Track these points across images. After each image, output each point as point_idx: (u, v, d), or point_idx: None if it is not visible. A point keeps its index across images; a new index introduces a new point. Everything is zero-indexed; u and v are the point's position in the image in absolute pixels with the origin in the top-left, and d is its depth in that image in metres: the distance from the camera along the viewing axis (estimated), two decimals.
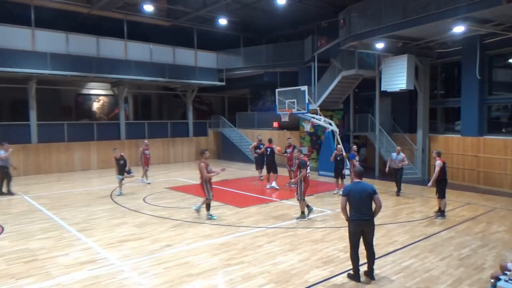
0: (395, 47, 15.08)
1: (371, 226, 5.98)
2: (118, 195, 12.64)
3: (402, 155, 12.61)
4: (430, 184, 9.92)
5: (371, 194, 5.91)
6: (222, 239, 8.00)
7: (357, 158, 12.67)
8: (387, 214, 10.08)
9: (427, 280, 5.99)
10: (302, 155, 9.97)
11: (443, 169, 9.68)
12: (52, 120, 19.67)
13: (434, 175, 9.70)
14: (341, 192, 12.55)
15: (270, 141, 14.73)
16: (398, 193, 12.75)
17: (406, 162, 12.97)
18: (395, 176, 12.84)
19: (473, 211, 10.58)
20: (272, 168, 14.04)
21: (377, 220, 9.47)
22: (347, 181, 12.44)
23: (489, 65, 14.60)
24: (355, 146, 13.26)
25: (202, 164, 9.35)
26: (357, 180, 6.15)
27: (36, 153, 17.94)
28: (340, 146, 13.48)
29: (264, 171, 14.63)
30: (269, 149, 14.20)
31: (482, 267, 6.53)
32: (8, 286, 5.80)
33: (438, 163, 9.70)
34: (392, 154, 12.89)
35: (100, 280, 5.97)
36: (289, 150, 14.25)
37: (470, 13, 11.21)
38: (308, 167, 9.52)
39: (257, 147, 15.28)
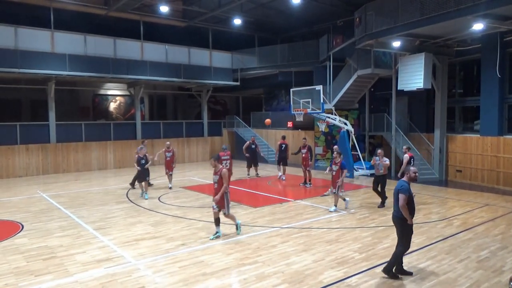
0: (412, 45, 14.86)
1: (396, 224, 6.11)
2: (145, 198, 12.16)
3: (385, 159, 10.76)
4: (399, 175, 11.20)
5: (397, 193, 5.98)
6: (236, 239, 8.02)
7: (334, 167, 10.54)
8: None
9: (444, 282, 5.88)
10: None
11: (409, 162, 10.84)
12: (70, 120, 20.07)
13: (402, 168, 10.96)
14: (333, 192, 12.10)
15: (283, 137, 16.24)
16: (382, 204, 10.76)
17: (387, 163, 10.76)
18: (377, 184, 10.86)
19: (493, 212, 10.33)
20: (284, 162, 15.55)
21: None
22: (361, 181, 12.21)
23: (509, 63, 14.23)
24: (335, 153, 10.86)
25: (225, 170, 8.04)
26: (402, 178, 6.18)
27: (55, 152, 18.32)
28: (336, 147, 12.78)
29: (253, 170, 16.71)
30: (283, 145, 15.69)
31: (502, 269, 6.38)
32: (28, 282, 5.93)
33: (405, 156, 10.99)
34: (376, 157, 10.87)
35: (117, 278, 6.05)
36: (304, 151, 14.24)
37: (490, 10, 10.97)
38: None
39: (249, 147, 16.44)
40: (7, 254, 7.17)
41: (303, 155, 14.18)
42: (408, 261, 6.70)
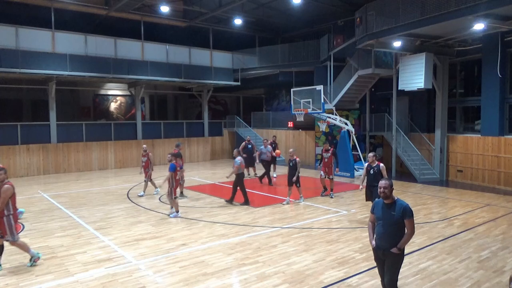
0: (413, 45, 14.84)
1: None
2: None
3: (237, 159, 11.06)
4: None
5: None
6: (237, 239, 8.02)
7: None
8: None
9: (445, 283, 5.87)
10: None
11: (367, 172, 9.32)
12: (71, 120, 20.11)
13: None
14: (286, 202, 11.25)
15: (273, 138, 17.18)
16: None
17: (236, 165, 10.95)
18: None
19: (493, 212, 10.32)
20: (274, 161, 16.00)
21: None
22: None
23: (510, 63, 14.21)
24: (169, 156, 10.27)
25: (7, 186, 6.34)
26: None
27: (56, 152, 18.33)
28: (292, 150, 11.51)
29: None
30: (273, 144, 16.36)
31: (502, 270, 6.37)
32: (28, 282, 5.94)
33: (383, 166, 9.01)
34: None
35: (117, 278, 6.06)
36: (326, 155, 12.52)
37: (491, 9, 10.95)
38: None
39: (245, 147, 16.38)
40: (8, 254, 7.17)
41: (326, 160, 12.40)
42: (408, 261, 6.70)
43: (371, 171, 8.99)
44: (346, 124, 16.61)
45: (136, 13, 19.66)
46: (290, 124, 22.01)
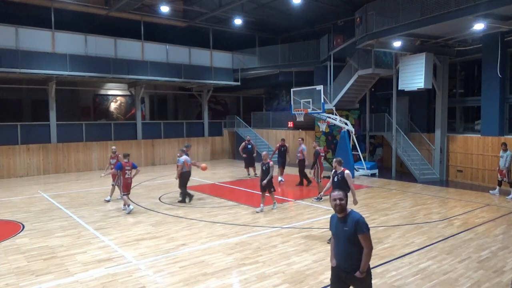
0: (412, 45, 14.85)
1: None
2: None
3: (181, 158, 11.38)
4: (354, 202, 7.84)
5: None
6: (237, 239, 8.02)
7: (129, 173, 10.50)
8: (404, 215, 9.94)
9: (445, 283, 5.87)
10: None
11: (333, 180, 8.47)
12: (71, 120, 20.11)
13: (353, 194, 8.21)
14: (260, 209, 10.45)
15: (283, 140, 16.08)
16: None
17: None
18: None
19: (493, 212, 10.32)
20: (283, 164, 15.38)
21: (393, 220, 9.40)
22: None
23: (510, 63, 14.21)
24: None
25: None
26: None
27: (56, 152, 18.33)
28: (265, 152, 10.89)
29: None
30: (283, 148, 15.43)
31: (502, 270, 6.37)
32: (28, 282, 5.94)
33: (348, 173, 8.10)
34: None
35: (117, 278, 6.06)
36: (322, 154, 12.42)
37: (491, 9, 10.95)
38: None
39: (245, 147, 16.30)
40: (8, 254, 7.18)
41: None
42: (408, 261, 6.71)
43: (335, 178, 8.07)
44: (346, 124, 16.60)
45: (136, 13, 19.66)
46: (290, 124, 22.01)
